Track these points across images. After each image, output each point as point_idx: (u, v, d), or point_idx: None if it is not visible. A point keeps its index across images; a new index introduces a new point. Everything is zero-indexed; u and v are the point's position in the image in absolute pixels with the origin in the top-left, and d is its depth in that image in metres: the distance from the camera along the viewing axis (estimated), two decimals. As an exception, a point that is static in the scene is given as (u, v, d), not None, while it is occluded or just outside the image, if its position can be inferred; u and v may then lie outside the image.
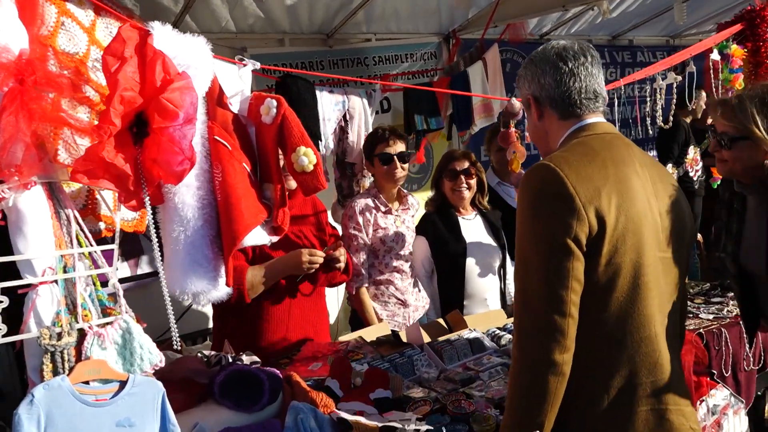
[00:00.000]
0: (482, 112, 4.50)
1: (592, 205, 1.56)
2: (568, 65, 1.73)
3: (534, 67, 1.78)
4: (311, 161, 1.85)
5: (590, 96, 1.74)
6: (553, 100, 1.76)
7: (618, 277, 1.60)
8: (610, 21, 6.49)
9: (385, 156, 3.21)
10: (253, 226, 1.78)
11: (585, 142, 1.70)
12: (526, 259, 1.62)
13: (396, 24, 5.18)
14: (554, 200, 1.57)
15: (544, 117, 1.80)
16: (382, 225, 3.26)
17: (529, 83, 1.80)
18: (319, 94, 3.40)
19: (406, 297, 3.33)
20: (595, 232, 1.56)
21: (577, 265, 1.56)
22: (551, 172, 1.59)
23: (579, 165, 1.61)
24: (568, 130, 1.76)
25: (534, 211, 1.60)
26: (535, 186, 1.61)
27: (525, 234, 1.62)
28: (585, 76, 1.73)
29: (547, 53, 1.77)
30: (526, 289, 1.61)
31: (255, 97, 1.96)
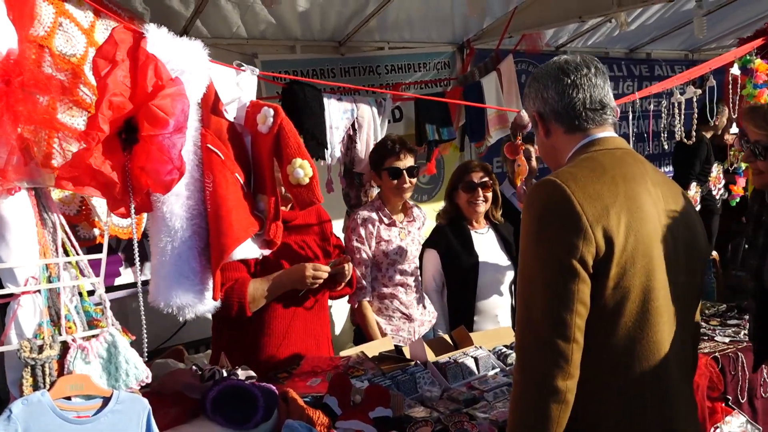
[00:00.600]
0: (497, 123, 4.42)
1: (600, 225, 1.47)
2: (570, 77, 1.66)
3: (537, 84, 1.73)
4: (307, 174, 1.78)
5: (595, 107, 1.66)
6: (557, 113, 1.69)
7: (626, 301, 1.51)
8: (628, 34, 6.37)
9: (394, 170, 3.14)
10: (242, 240, 1.71)
11: (594, 158, 1.61)
12: (529, 278, 1.54)
13: (409, 32, 5.10)
14: (559, 218, 1.49)
15: (551, 133, 1.73)
16: (386, 237, 3.18)
17: (534, 100, 1.74)
18: (327, 102, 3.33)
19: (411, 311, 3.25)
20: (602, 253, 1.47)
21: (582, 288, 1.47)
22: (557, 188, 1.51)
23: (587, 182, 1.52)
24: (576, 144, 1.68)
25: (538, 229, 1.52)
26: (540, 203, 1.54)
27: (529, 252, 1.54)
28: (588, 86, 1.66)
29: (548, 68, 1.72)
30: (528, 309, 1.53)
31: (252, 105, 1.89)
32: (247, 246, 1.77)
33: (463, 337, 3.06)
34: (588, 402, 1.52)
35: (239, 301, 2.38)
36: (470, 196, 3.31)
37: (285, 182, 1.83)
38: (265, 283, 2.50)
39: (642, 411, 1.55)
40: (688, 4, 5.81)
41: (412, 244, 3.26)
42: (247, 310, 2.44)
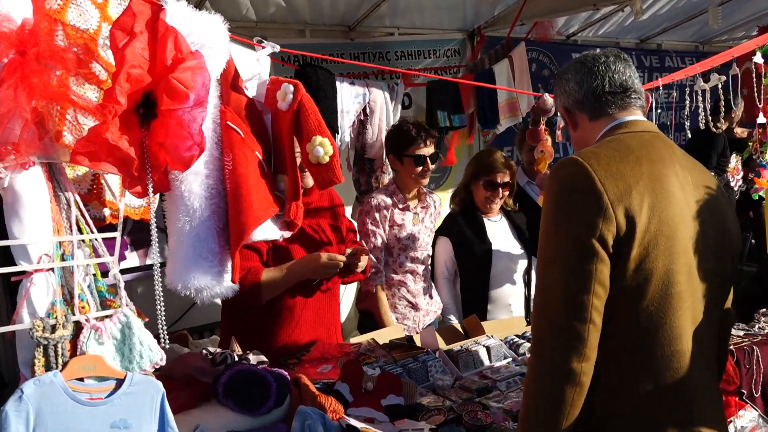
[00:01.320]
0: (507, 111, 4.36)
1: (622, 204, 1.44)
2: (587, 66, 1.69)
3: (559, 80, 1.76)
4: (327, 152, 1.73)
5: (616, 89, 1.66)
6: (579, 102, 1.70)
7: (648, 284, 1.47)
8: (639, 24, 6.32)
9: (418, 158, 3.09)
10: (263, 219, 1.66)
11: (620, 139, 1.59)
12: (546, 258, 1.51)
13: (420, 18, 5.05)
14: (580, 196, 1.46)
15: (578, 125, 1.74)
16: (399, 222, 3.14)
17: (559, 96, 1.77)
18: (339, 86, 3.27)
19: (417, 300, 3.21)
20: (623, 233, 1.44)
21: (601, 268, 1.44)
22: (579, 166, 1.48)
23: (610, 161, 1.50)
24: (602, 130, 1.67)
25: (558, 207, 1.50)
26: (561, 181, 1.51)
27: (547, 231, 1.52)
28: (606, 71, 1.66)
29: (569, 63, 1.77)
30: (545, 290, 1.50)
31: (272, 81, 1.84)
32: (267, 227, 1.73)
33: (475, 326, 3.02)
34: (603, 391, 1.49)
35: (254, 292, 2.34)
36: (490, 195, 3.27)
37: (305, 161, 1.78)
38: (279, 272, 2.44)
39: (661, 401, 1.51)
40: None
41: (424, 230, 3.21)
42: (261, 299, 2.40)
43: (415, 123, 3.14)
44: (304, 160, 1.78)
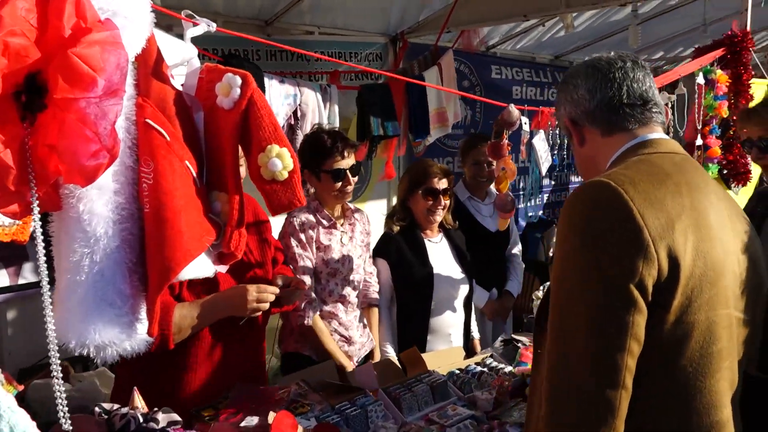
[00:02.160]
0: (437, 121, 4.11)
1: (664, 241, 1.18)
2: (602, 71, 1.43)
3: (565, 86, 1.50)
4: (286, 166, 1.33)
5: (635, 101, 1.40)
6: (590, 113, 1.43)
7: (688, 340, 1.22)
8: (555, 41, 6.39)
9: (337, 173, 2.67)
10: (196, 253, 1.24)
11: (650, 161, 1.32)
12: (567, 305, 1.22)
13: (342, 19, 4.72)
14: (614, 230, 1.18)
15: (587, 140, 1.47)
16: (325, 242, 2.73)
17: (564, 106, 1.50)
18: (267, 83, 2.83)
19: (350, 333, 2.81)
20: (665, 278, 1.18)
21: (638, 320, 1.17)
22: (612, 192, 1.20)
23: (647, 187, 1.23)
24: (619, 148, 1.40)
25: (583, 243, 1.20)
26: (588, 209, 1.22)
27: (569, 272, 1.22)
28: (624, 78, 1.41)
29: (578, 67, 1.50)
30: (565, 344, 1.21)
31: (208, 70, 1.41)
32: (200, 261, 1.30)
33: (414, 360, 2.71)
34: None
35: (162, 333, 1.84)
36: (432, 204, 2.96)
37: (254, 176, 1.36)
38: (195, 309, 1.96)
39: None
40: (615, 15, 5.86)
41: (355, 251, 2.83)
42: (170, 342, 1.90)
43: (330, 131, 2.74)
44: (254, 175, 1.36)
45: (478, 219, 3.51)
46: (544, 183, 6.15)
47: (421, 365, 2.70)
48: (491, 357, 2.86)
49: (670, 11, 5.76)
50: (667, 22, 5.79)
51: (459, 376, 2.66)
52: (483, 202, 3.59)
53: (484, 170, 3.46)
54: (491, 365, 2.76)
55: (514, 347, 2.98)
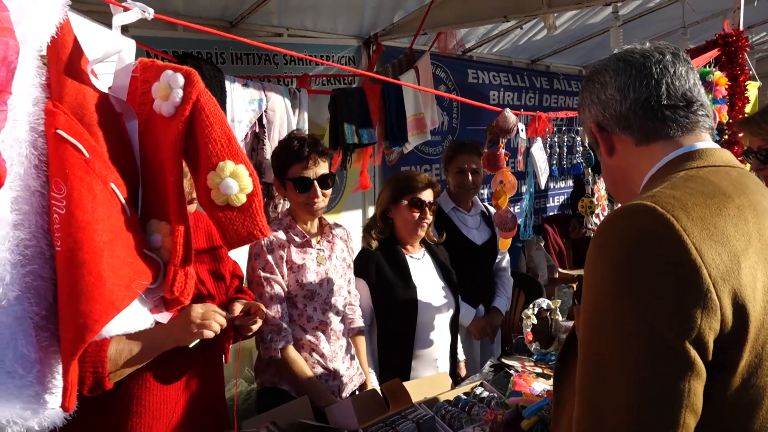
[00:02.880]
0: (415, 127, 3.86)
1: (728, 285, 0.92)
2: (635, 66, 1.17)
3: (591, 84, 1.25)
4: (244, 187, 1.05)
5: (678, 102, 1.14)
6: (622, 117, 1.18)
7: (758, 409, 0.96)
8: (531, 44, 6.24)
9: (301, 182, 2.37)
10: (122, 304, 0.96)
11: (702, 177, 1.06)
12: (601, 362, 0.95)
13: (313, 20, 4.45)
14: (664, 272, 0.92)
15: (617, 149, 1.22)
16: (298, 262, 2.42)
17: (589, 107, 1.25)
18: (229, 87, 2.53)
19: (335, 366, 2.49)
20: (728, 330, 0.93)
21: (696, 387, 0.92)
22: (659, 220, 0.95)
23: (704, 212, 0.97)
24: (659, 160, 1.14)
25: (625, 287, 0.94)
26: (630, 243, 0.96)
27: (603, 321, 0.96)
28: (663, 74, 1.15)
29: (606, 61, 1.24)
30: (599, 413, 0.95)
31: (144, 67, 1.13)
32: (133, 312, 1.01)
33: (397, 393, 2.45)
34: None
35: (94, 371, 1.52)
36: (417, 217, 2.69)
37: (203, 200, 1.08)
38: (134, 343, 1.61)
39: None
40: (593, 18, 5.72)
41: (334, 270, 2.52)
42: (106, 382, 1.59)
43: (301, 137, 2.43)
44: (203, 200, 1.08)
45: (464, 231, 3.26)
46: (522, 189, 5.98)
47: (404, 397, 2.44)
48: (481, 386, 2.61)
49: (648, 14, 5.63)
50: (646, 26, 5.66)
51: (447, 410, 2.41)
52: (468, 213, 3.34)
53: (468, 179, 3.21)
54: (482, 396, 2.51)
55: (505, 374, 2.74)
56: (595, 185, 3.13)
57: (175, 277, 1.03)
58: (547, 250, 6.13)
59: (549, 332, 3.08)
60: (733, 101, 2.97)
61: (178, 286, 1.04)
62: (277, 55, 4.32)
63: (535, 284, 4.36)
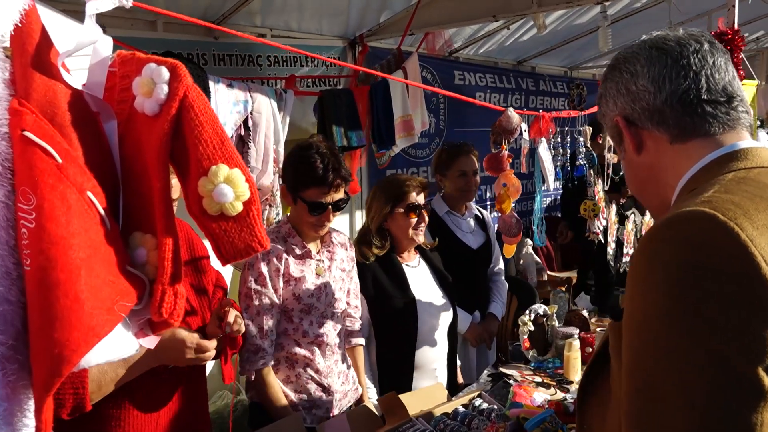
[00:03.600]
0: (402, 130, 3.75)
1: None
2: (672, 55, 1.06)
3: (617, 73, 1.13)
4: (240, 194, 0.93)
5: (719, 97, 1.04)
6: (656, 111, 1.06)
7: None
8: (518, 45, 6.20)
9: (317, 206, 2.23)
10: (104, 330, 0.84)
11: (755, 180, 0.95)
12: (659, 398, 0.83)
13: (297, 20, 4.34)
14: (730, 290, 0.81)
15: (647, 146, 1.10)
16: (296, 274, 2.28)
17: (614, 98, 1.13)
18: (213, 87, 2.40)
19: (329, 381, 2.37)
20: None
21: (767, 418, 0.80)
22: (721, 229, 0.84)
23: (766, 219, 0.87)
24: (698, 160, 1.03)
25: (682, 306, 0.82)
26: (686, 255, 0.84)
27: (660, 349, 0.84)
28: (702, 65, 1.05)
29: (635, 48, 1.12)
30: None
31: (123, 60, 1.01)
32: (116, 338, 0.89)
33: (394, 407, 2.34)
34: None
35: (75, 393, 1.39)
36: (415, 222, 2.59)
37: (195, 210, 0.96)
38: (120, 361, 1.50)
39: None
40: (579, 19, 5.69)
41: (334, 283, 2.39)
42: (86, 403, 1.46)
43: (326, 154, 2.23)
44: (194, 209, 0.96)
45: (459, 235, 3.16)
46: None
47: (401, 412, 2.34)
48: (479, 397, 2.52)
49: (634, 14, 5.62)
50: (632, 26, 5.64)
51: (447, 423, 2.31)
52: (462, 217, 3.24)
53: (471, 181, 3.11)
54: (481, 407, 2.42)
55: (504, 383, 2.65)
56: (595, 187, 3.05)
57: (163, 296, 0.91)
58: (535, 252, 6.08)
59: (546, 339, 3.00)
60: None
61: (166, 306, 0.92)
62: (261, 56, 4.20)
63: (527, 288, 4.28)
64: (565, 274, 6.25)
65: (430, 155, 5.46)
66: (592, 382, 1.13)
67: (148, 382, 1.68)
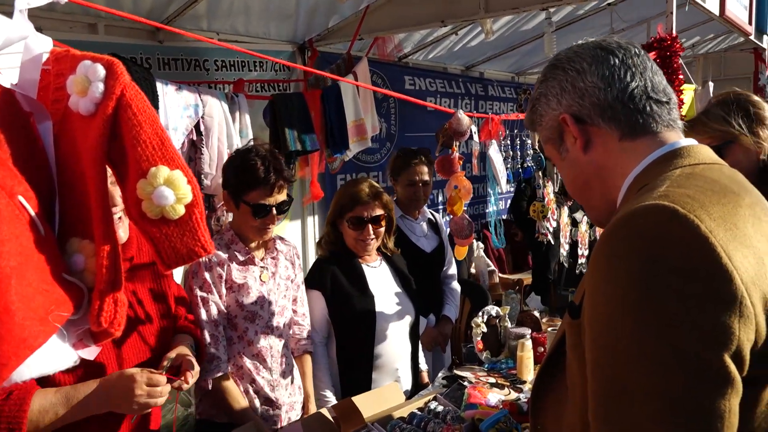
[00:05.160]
0: (355, 134, 3.74)
1: (759, 290, 0.84)
2: (617, 55, 1.08)
3: (562, 72, 1.11)
4: (181, 197, 0.90)
5: (662, 98, 1.07)
6: (607, 108, 1.06)
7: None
8: (466, 51, 6.28)
9: (259, 208, 2.19)
10: (37, 341, 0.79)
11: (702, 175, 0.97)
12: (623, 388, 0.84)
13: (245, 24, 4.28)
14: (694, 280, 0.81)
15: (594, 144, 1.09)
16: (239, 281, 2.24)
17: (558, 97, 1.11)
18: (161, 90, 2.32)
19: (276, 395, 2.33)
20: (762, 340, 0.83)
21: (735, 406, 0.82)
22: (682, 222, 0.84)
23: (723, 213, 0.87)
24: (643, 158, 1.04)
25: (648, 301, 0.82)
26: (649, 249, 0.84)
27: (625, 345, 0.84)
28: (644, 67, 1.08)
29: (581, 49, 1.12)
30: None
31: (57, 57, 0.96)
32: (51, 350, 0.84)
33: (349, 413, 2.31)
34: None
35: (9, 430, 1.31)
36: (358, 234, 2.56)
37: (133, 212, 0.91)
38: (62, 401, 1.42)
39: None
40: (526, 25, 5.80)
41: (278, 290, 2.36)
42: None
43: (266, 157, 2.21)
44: (132, 211, 0.91)
45: (413, 239, 3.17)
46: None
47: (357, 418, 2.31)
48: (435, 399, 2.52)
49: (578, 21, 5.77)
50: (576, 32, 5.79)
51: (402, 428, 2.30)
52: (416, 221, 3.25)
53: (420, 191, 3.13)
54: (436, 410, 2.41)
55: (459, 385, 2.66)
56: (545, 189, 3.11)
57: (101, 305, 0.87)
58: (486, 255, 6.15)
59: (499, 340, 3.03)
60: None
61: (105, 316, 0.87)
62: (208, 60, 4.12)
63: (480, 291, 4.32)
64: (516, 276, 6.35)
65: (380, 160, 5.46)
66: (546, 382, 1.13)
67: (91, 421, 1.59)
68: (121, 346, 1.64)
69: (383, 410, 2.39)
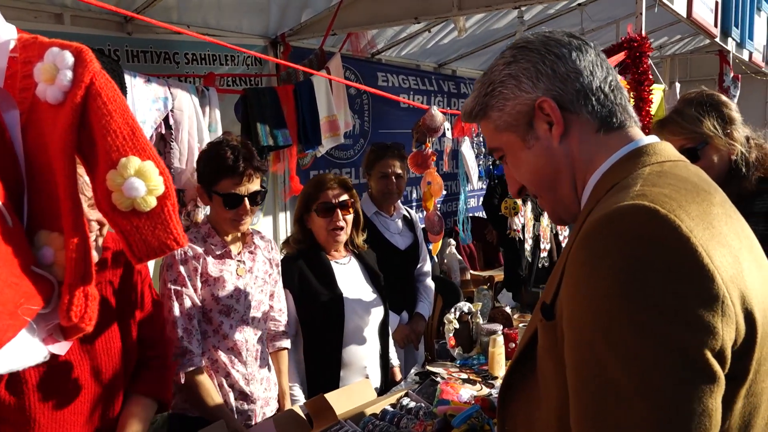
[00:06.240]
0: (328, 130, 3.73)
1: (737, 288, 0.84)
2: (592, 46, 1.06)
3: (537, 55, 1.04)
4: (152, 189, 0.87)
5: (624, 97, 1.07)
6: (591, 94, 1.02)
7: (756, 417, 0.90)
8: (439, 48, 6.31)
9: (230, 198, 2.18)
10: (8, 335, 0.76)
11: (671, 173, 0.96)
12: (608, 387, 0.83)
13: (216, 18, 4.22)
14: (677, 280, 0.81)
15: (569, 133, 1.03)
16: (214, 274, 2.22)
17: (533, 80, 1.04)
18: (129, 83, 2.28)
19: (251, 389, 2.31)
20: (742, 338, 0.84)
21: (719, 403, 0.82)
22: (663, 222, 0.83)
23: (699, 211, 0.87)
24: (614, 152, 1.02)
25: (633, 301, 0.81)
26: (634, 250, 0.83)
27: (604, 339, 0.83)
28: (607, 63, 1.07)
29: (554, 35, 1.07)
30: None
31: (24, 45, 0.93)
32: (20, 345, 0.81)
33: (321, 410, 2.30)
34: None
35: None
36: (329, 221, 2.54)
37: (104, 206, 0.89)
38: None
39: None
40: (498, 23, 5.84)
41: (255, 284, 2.35)
42: None
43: (236, 147, 2.20)
44: (102, 203, 0.89)
45: (387, 236, 3.16)
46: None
47: (329, 415, 2.30)
48: (407, 396, 2.52)
49: (549, 20, 5.84)
50: (549, 26, 5.85)
51: (375, 425, 2.29)
52: (391, 218, 3.24)
53: (393, 184, 3.11)
54: (409, 406, 2.42)
55: (431, 381, 2.66)
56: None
57: (71, 299, 0.84)
58: (458, 252, 6.19)
59: (471, 336, 3.05)
60: (639, 105, 3.07)
61: (76, 310, 0.85)
62: (178, 53, 4.06)
63: (452, 287, 4.34)
64: (486, 273, 6.40)
65: (353, 156, 5.45)
66: (516, 380, 1.11)
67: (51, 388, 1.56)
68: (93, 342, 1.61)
69: (356, 407, 2.39)
